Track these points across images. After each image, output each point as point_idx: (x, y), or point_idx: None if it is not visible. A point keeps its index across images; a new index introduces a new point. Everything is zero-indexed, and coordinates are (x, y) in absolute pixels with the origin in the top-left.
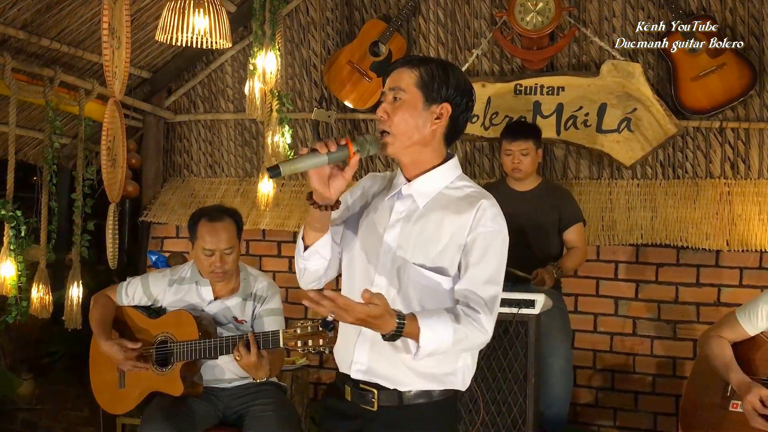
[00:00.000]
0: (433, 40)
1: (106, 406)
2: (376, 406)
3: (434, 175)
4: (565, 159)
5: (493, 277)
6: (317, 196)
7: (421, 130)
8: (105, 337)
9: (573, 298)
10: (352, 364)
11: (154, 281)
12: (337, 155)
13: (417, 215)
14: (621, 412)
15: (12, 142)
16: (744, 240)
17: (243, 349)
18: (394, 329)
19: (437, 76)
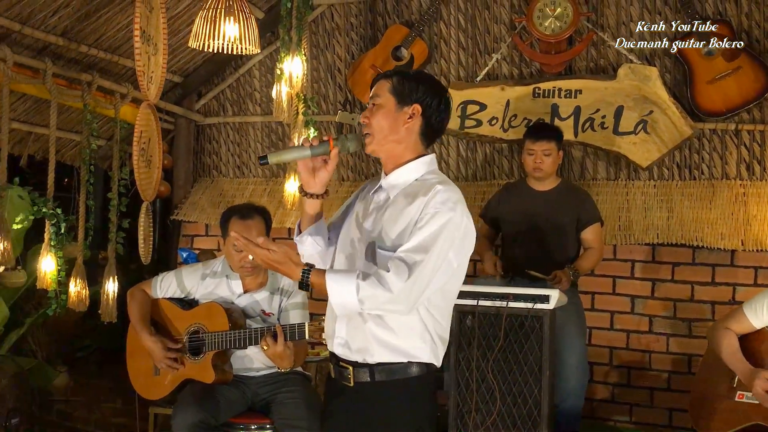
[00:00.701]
0: (453, 44)
1: (141, 392)
2: (352, 382)
3: (406, 169)
4: (583, 160)
5: (420, 245)
6: (305, 186)
7: (395, 129)
8: (148, 331)
9: (590, 296)
10: (334, 339)
11: (187, 275)
12: (319, 150)
13: (387, 204)
14: (637, 408)
15: (52, 144)
16: (759, 240)
17: (270, 340)
18: (300, 277)
19: (408, 82)
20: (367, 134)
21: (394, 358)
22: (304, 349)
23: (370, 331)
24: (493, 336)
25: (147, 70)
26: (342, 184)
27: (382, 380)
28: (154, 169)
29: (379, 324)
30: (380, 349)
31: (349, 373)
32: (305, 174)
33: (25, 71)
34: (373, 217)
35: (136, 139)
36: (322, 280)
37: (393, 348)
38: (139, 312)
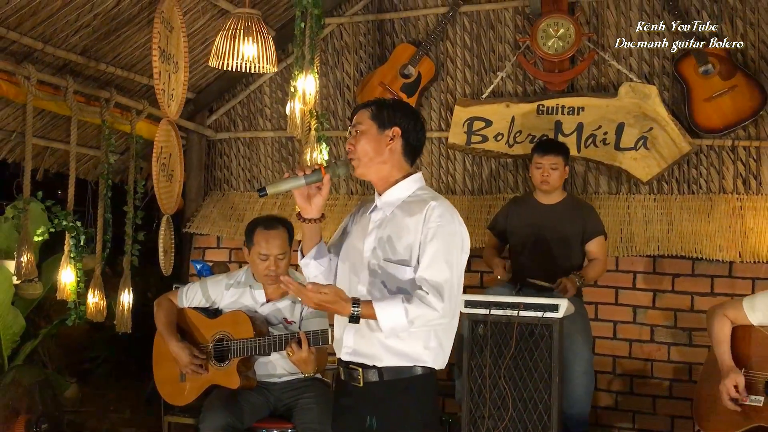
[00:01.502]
0: (460, 63)
1: (168, 398)
2: (361, 383)
3: (398, 188)
4: (585, 175)
5: (437, 266)
6: (303, 213)
7: (378, 152)
8: (176, 338)
9: (593, 307)
10: (342, 348)
11: (212, 285)
12: (312, 178)
13: (386, 222)
14: (639, 416)
15: (73, 159)
16: (756, 252)
17: (296, 346)
18: (350, 313)
19: (386, 109)
20: (352, 159)
21: (402, 362)
22: (324, 356)
23: (379, 340)
24: (504, 344)
25: (167, 88)
26: (351, 197)
27: (389, 379)
28: (176, 183)
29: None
30: (388, 355)
31: (359, 375)
32: (301, 201)
33: (47, 88)
34: (374, 235)
35: (155, 155)
36: (372, 311)
37: (401, 354)
38: (166, 320)
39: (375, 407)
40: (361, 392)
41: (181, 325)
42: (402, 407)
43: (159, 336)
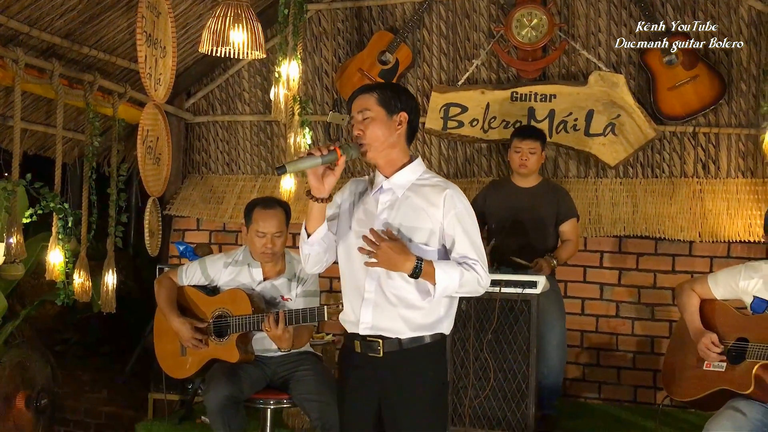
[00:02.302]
0: (436, 50)
1: (169, 371)
2: (381, 353)
3: (407, 171)
4: (556, 159)
5: (474, 240)
6: (314, 191)
7: (388, 137)
8: (176, 314)
9: (564, 284)
10: (359, 324)
11: (211, 264)
12: (328, 158)
13: (398, 203)
14: (605, 386)
15: (59, 142)
16: (714, 232)
17: (272, 323)
18: (414, 265)
19: (391, 93)
20: (362, 144)
21: (420, 332)
22: (308, 332)
23: (400, 314)
24: (486, 319)
25: (154, 72)
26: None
27: (408, 348)
28: (164, 166)
29: (410, 307)
30: (408, 327)
31: (379, 346)
32: (314, 180)
33: (32, 71)
34: (385, 215)
35: (140, 138)
36: (431, 269)
37: (419, 326)
38: (167, 297)
39: (395, 373)
40: (381, 361)
41: (182, 302)
42: (421, 370)
43: (160, 312)
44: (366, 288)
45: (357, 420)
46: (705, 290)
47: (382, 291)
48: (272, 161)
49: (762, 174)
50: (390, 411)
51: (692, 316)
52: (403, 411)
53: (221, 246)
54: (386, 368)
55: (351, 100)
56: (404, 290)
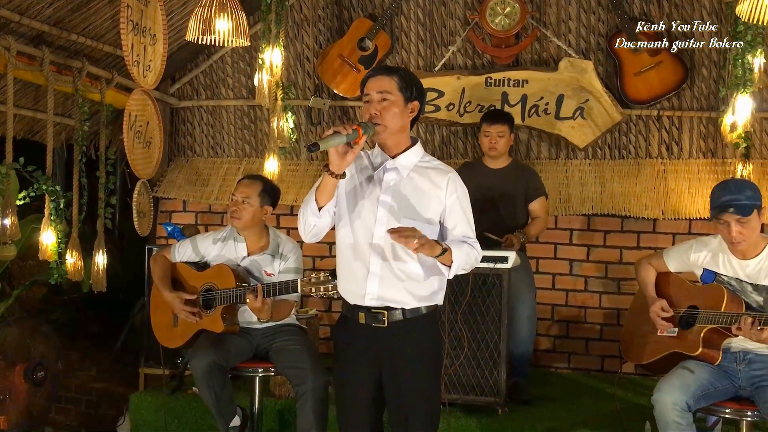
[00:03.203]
0: (413, 37)
1: (162, 341)
2: (386, 323)
3: (411, 153)
4: (528, 142)
5: (470, 221)
6: (333, 167)
7: (403, 122)
8: (168, 288)
9: (535, 261)
10: (365, 296)
11: (201, 241)
12: (352, 136)
13: (403, 183)
14: (574, 356)
15: (50, 127)
16: (676, 210)
17: (251, 296)
18: (441, 250)
19: (408, 81)
20: (377, 124)
21: (422, 303)
22: (286, 309)
23: (405, 286)
24: (460, 292)
25: (143, 59)
26: (311, 163)
27: (410, 317)
28: (155, 149)
29: (413, 280)
30: (413, 300)
31: (384, 317)
32: (336, 157)
33: (23, 59)
34: (390, 194)
35: (127, 123)
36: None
37: (422, 298)
38: (161, 273)
39: (397, 342)
40: (385, 330)
41: (175, 277)
42: (423, 336)
43: (155, 288)
44: (371, 262)
45: (358, 387)
46: (660, 264)
47: (389, 265)
48: (256, 144)
49: (722, 155)
50: (391, 377)
51: (648, 287)
52: (404, 376)
53: (207, 227)
54: (389, 338)
55: (369, 78)
56: (408, 265)
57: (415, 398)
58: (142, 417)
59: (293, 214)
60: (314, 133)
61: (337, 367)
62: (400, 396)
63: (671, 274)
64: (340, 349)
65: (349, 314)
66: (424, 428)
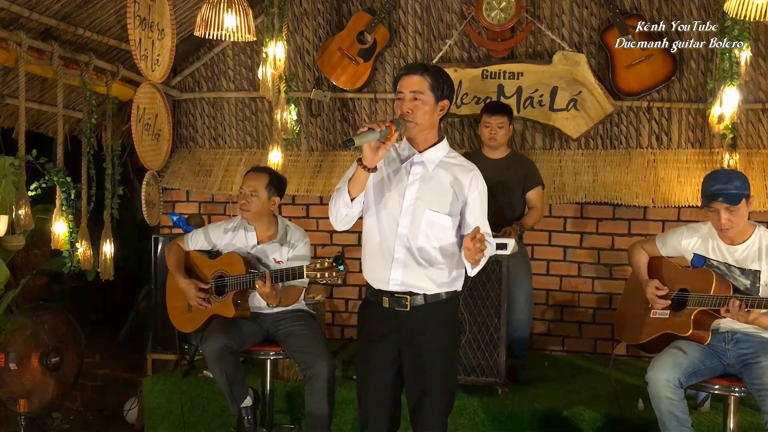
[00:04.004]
0: (411, 30)
1: (177, 326)
2: (409, 307)
3: (437, 148)
4: (523, 132)
5: (485, 217)
6: (366, 161)
7: (432, 120)
8: (183, 276)
9: (531, 248)
10: (389, 281)
11: (213, 231)
12: (385, 132)
13: (429, 176)
14: (568, 339)
15: (60, 120)
16: (666, 198)
17: (260, 282)
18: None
19: (440, 81)
20: (409, 122)
21: (442, 289)
22: (294, 294)
23: (427, 273)
24: None
25: (151, 54)
26: (312, 154)
27: (432, 302)
28: (164, 141)
29: (435, 267)
30: (434, 286)
31: (406, 301)
32: (369, 152)
33: (32, 53)
34: (416, 186)
35: (135, 116)
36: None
37: (443, 284)
38: (176, 261)
39: (421, 324)
40: (407, 314)
41: (188, 265)
42: (442, 320)
43: (170, 275)
44: (396, 250)
45: (380, 368)
46: (653, 249)
47: (412, 253)
48: (257, 136)
49: (709, 145)
50: (411, 358)
51: (641, 270)
52: (424, 357)
53: (210, 216)
54: (410, 321)
55: (402, 76)
56: (431, 253)
57: (433, 378)
58: (155, 400)
59: (295, 204)
60: (314, 124)
61: (361, 347)
62: (419, 376)
63: (663, 259)
64: (365, 331)
65: (374, 298)
66: (441, 406)
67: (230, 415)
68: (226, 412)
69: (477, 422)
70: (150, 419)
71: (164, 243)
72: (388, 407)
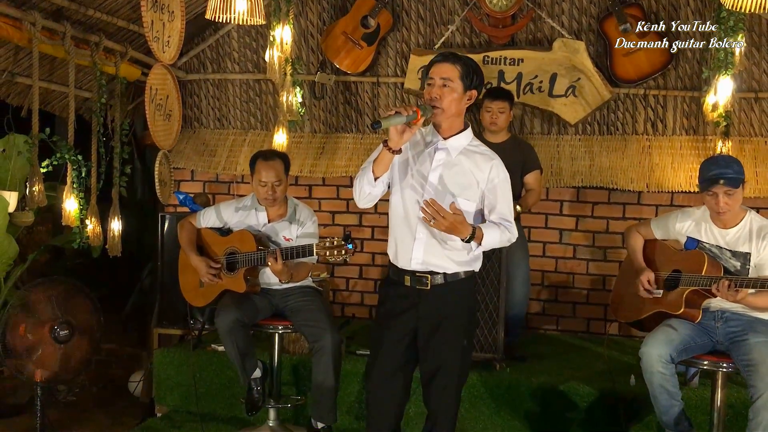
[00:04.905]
0: (414, 15)
1: (190, 300)
2: (429, 286)
3: (462, 136)
4: (523, 118)
5: (509, 205)
6: (392, 144)
7: (459, 107)
8: (195, 253)
9: (527, 230)
10: (411, 260)
11: (224, 209)
12: (411, 117)
13: (452, 163)
14: (562, 319)
15: (71, 99)
16: (660, 183)
17: (272, 259)
18: (470, 233)
19: (470, 71)
20: (437, 107)
21: (461, 268)
22: (304, 270)
23: (445, 254)
24: None
25: (162, 36)
26: (315, 135)
27: (451, 281)
28: (174, 121)
29: (453, 249)
30: (454, 265)
31: (428, 280)
32: (395, 134)
33: (44, 33)
34: (439, 171)
35: (148, 96)
36: (482, 233)
37: (462, 263)
38: (188, 238)
39: (441, 301)
40: (428, 292)
41: (200, 242)
42: (462, 298)
43: (182, 252)
44: (418, 230)
45: (395, 340)
46: (648, 232)
47: (433, 234)
48: (261, 117)
49: (703, 132)
50: (428, 333)
51: (636, 254)
52: (441, 332)
53: (215, 195)
54: (431, 298)
55: (434, 63)
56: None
57: (449, 354)
58: (165, 371)
59: (298, 184)
60: (318, 107)
61: (378, 323)
62: (435, 352)
63: (657, 242)
64: (385, 307)
65: (396, 277)
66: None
67: (239, 386)
68: (234, 384)
69: (476, 395)
70: (159, 390)
71: (171, 221)
72: (397, 381)
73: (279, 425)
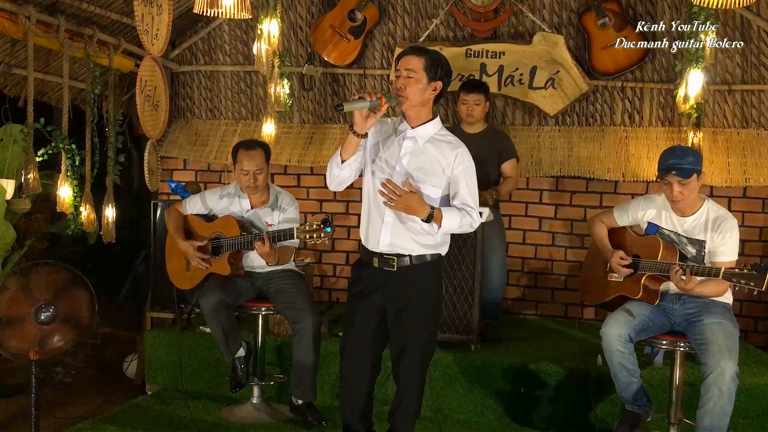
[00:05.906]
0: (400, 9)
1: (177, 284)
2: (395, 268)
3: (429, 125)
4: (504, 109)
5: (473, 192)
6: (356, 128)
7: (423, 97)
8: (182, 238)
9: (508, 218)
10: (379, 242)
11: (209, 196)
12: (375, 103)
13: (418, 151)
14: (541, 304)
15: (66, 90)
16: (635, 173)
17: (259, 242)
18: (429, 213)
19: (435, 63)
20: (401, 96)
21: (427, 251)
22: (288, 253)
23: (411, 237)
24: None
25: (151, 29)
26: (303, 126)
27: (417, 264)
28: (161, 112)
29: (419, 232)
30: (420, 248)
31: (394, 262)
32: (359, 119)
33: (39, 26)
34: (407, 158)
35: (139, 87)
36: (441, 215)
37: (428, 246)
38: (175, 224)
39: (407, 282)
40: (395, 274)
41: (186, 228)
42: (427, 280)
43: (170, 237)
44: (386, 214)
45: (364, 319)
46: (611, 220)
47: (400, 218)
48: (251, 107)
49: (678, 123)
50: (396, 314)
51: (602, 242)
52: (408, 313)
53: (206, 184)
54: (397, 280)
55: (402, 56)
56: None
57: (415, 332)
58: (155, 352)
59: (287, 174)
60: (306, 98)
61: (350, 302)
62: (402, 330)
63: (622, 229)
64: (356, 287)
65: (366, 258)
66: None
67: (224, 365)
68: (220, 363)
69: (450, 375)
70: (150, 370)
71: (162, 208)
72: (367, 357)
73: (262, 402)
